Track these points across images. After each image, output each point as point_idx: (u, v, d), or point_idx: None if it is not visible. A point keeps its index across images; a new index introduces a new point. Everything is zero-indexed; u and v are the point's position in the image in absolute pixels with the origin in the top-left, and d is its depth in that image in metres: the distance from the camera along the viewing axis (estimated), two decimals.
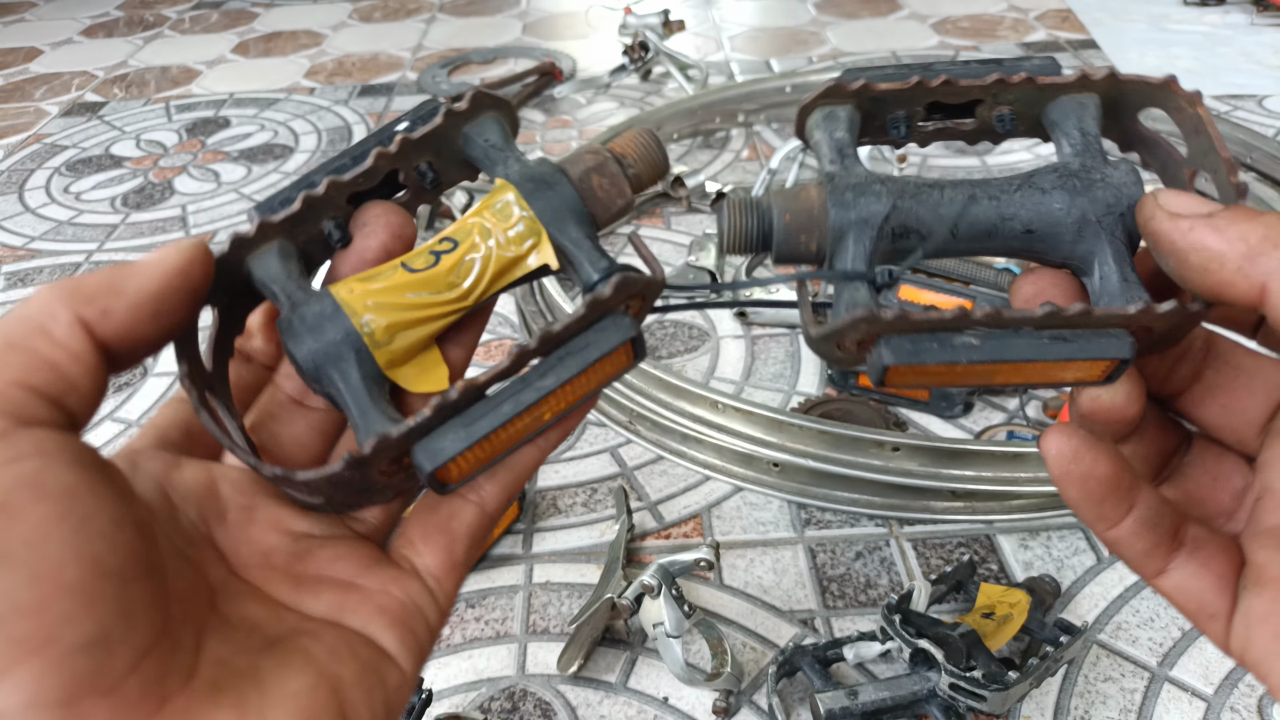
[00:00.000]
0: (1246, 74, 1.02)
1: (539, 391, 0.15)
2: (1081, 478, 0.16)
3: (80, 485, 0.12)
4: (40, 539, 0.11)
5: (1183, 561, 0.16)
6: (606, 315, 0.15)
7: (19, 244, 0.86)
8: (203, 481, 0.16)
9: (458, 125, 0.17)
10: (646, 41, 1.08)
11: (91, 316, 0.13)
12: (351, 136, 1.03)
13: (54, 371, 0.13)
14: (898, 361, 0.15)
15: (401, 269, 0.16)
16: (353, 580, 0.16)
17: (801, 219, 0.16)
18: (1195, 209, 0.15)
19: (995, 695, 0.39)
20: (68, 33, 1.43)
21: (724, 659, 0.43)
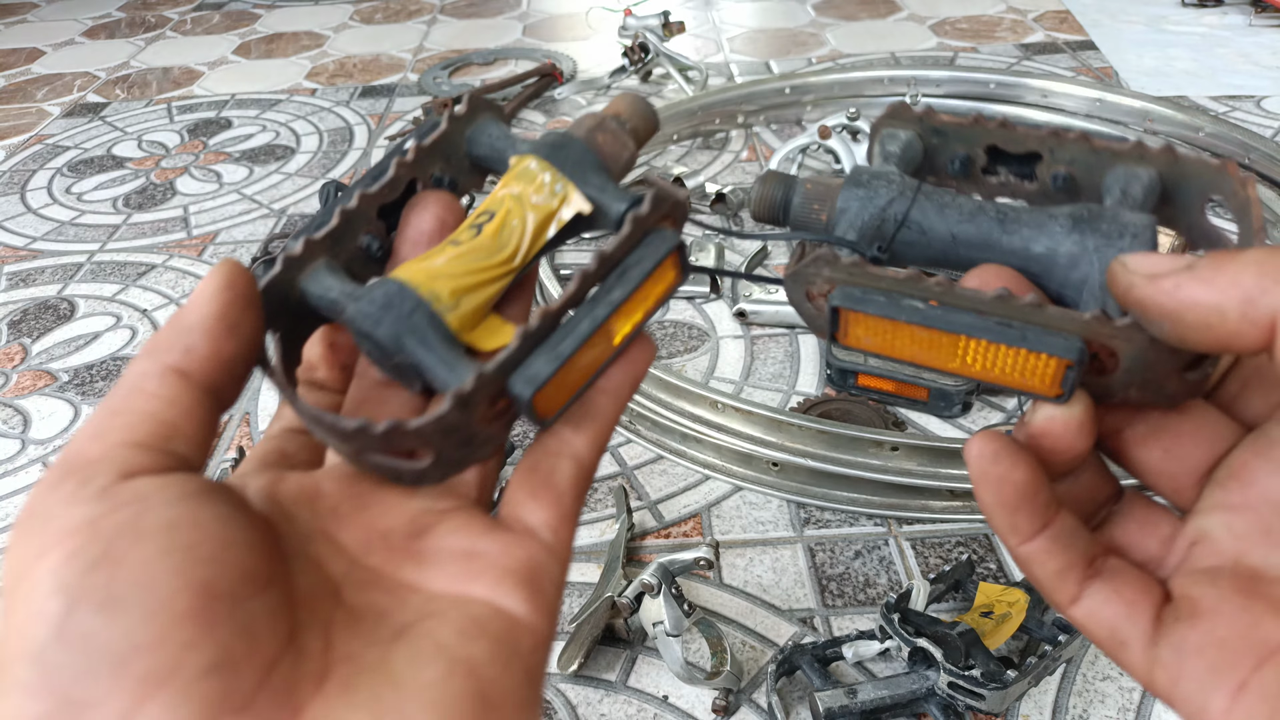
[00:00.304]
0: (1244, 75, 1.03)
1: (609, 305, 0.16)
2: (998, 480, 0.15)
3: (181, 518, 0.13)
4: (146, 577, 0.12)
5: (1097, 587, 0.15)
6: (650, 232, 0.16)
7: (21, 244, 0.87)
8: (308, 486, 0.16)
9: (461, 130, 0.18)
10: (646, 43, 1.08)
11: (178, 360, 0.14)
12: (353, 137, 1.03)
13: (154, 422, 0.13)
14: (842, 305, 0.16)
15: (448, 245, 0.17)
16: (472, 548, 0.15)
17: (819, 191, 0.18)
18: (1171, 265, 0.14)
19: (994, 694, 0.39)
20: (69, 34, 1.43)
21: (723, 658, 0.43)
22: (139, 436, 0.13)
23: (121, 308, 0.76)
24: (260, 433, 0.62)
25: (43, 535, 0.12)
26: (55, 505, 0.13)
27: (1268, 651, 0.13)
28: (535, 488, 0.16)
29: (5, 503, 0.58)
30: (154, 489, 0.13)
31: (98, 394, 0.66)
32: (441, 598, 0.15)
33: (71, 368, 0.69)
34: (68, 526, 0.12)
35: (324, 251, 0.17)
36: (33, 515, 0.13)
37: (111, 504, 0.12)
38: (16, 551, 0.12)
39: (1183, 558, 0.16)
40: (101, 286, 0.79)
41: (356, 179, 0.18)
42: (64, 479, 0.13)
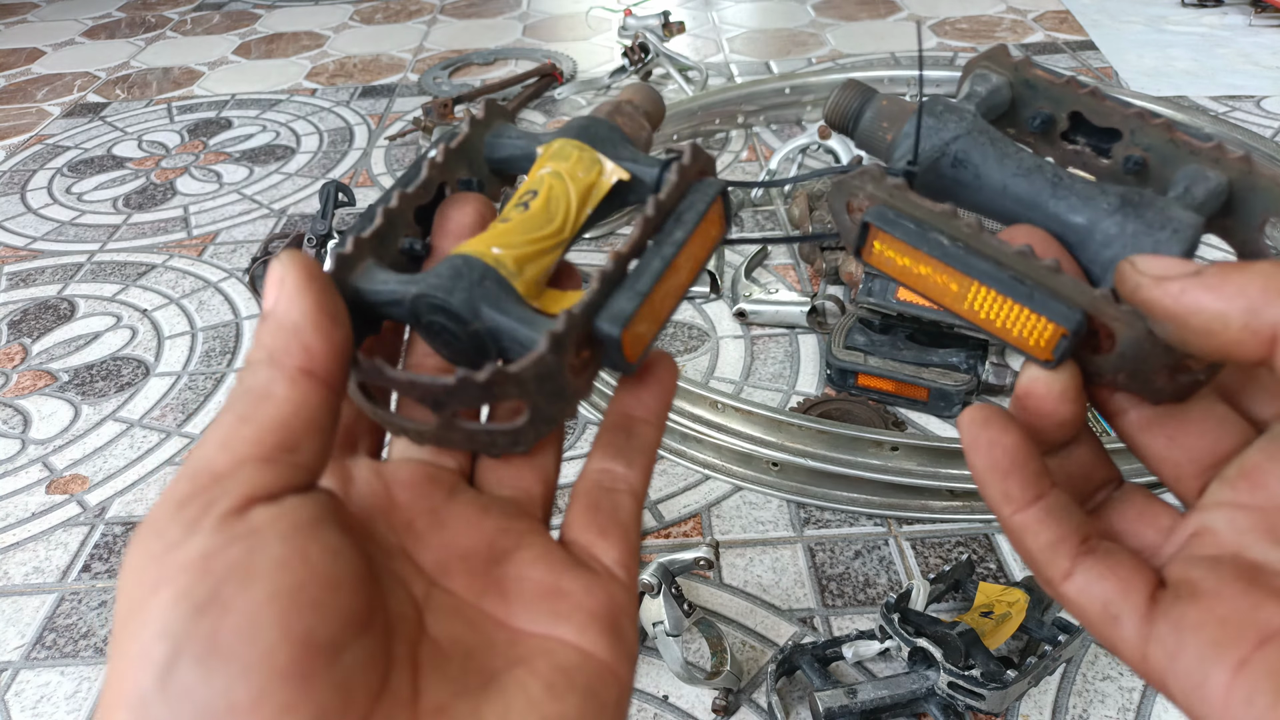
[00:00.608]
0: (1244, 75, 1.03)
1: (675, 245, 0.16)
2: (988, 443, 0.15)
3: (291, 555, 0.12)
4: (250, 627, 0.12)
5: (1090, 565, 0.15)
6: (695, 181, 0.17)
7: (21, 244, 0.87)
8: (379, 492, 0.16)
9: (481, 134, 0.19)
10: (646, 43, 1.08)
11: (302, 362, 0.14)
12: (353, 138, 1.03)
13: (283, 431, 0.13)
14: (873, 222, 0.16)
15: (498, 223, 0.17)
16: (557, 584, 0.15)
17: (892, 109, 0.18)
18: (1180, 269, 0.14)
19: (993, 694, 0.39)
20: (69, 34, 1.43)
21: (723, 657, 0.43)
22: (265, 449, 0.13)
23: (122, 308, 0.76)
24: None
25: (160, 564, 0.12)
26: (176, 528, 0.12)
27: (1270, 632, 0.13)
28: (603, 526, 0.16)
29: (5, 503, 0.58)
30: (269, 520, 0.13)
31: (98, 394, 0.66)
32: (529, 639, 0.15)
33: (71, 368, 0.69)
34: (183, 560, 0.12)
35: (371, 251, 0.17)
36: (155, 533, 0.12)
37: (227, 536, 0.12)
38: (134, 572, 0.12)
39: (1181, 547, 0.16)
40: (101, 286, 0.79)
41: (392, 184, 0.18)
42: (190, 498, 0.13)
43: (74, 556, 0.54)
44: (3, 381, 0.68)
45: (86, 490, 0.58)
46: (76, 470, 0.60)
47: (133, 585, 0.12)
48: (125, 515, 0.56)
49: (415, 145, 1.00)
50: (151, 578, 0.12)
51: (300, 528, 0.13)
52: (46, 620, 0.50)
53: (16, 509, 0.57)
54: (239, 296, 0.76)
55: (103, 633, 0.49)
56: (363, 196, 0.89)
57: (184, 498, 0.13)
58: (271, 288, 0.14)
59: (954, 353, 0.60)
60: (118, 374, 0.68)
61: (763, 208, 0.83)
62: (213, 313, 0.74)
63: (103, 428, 0.63)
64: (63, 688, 0.46)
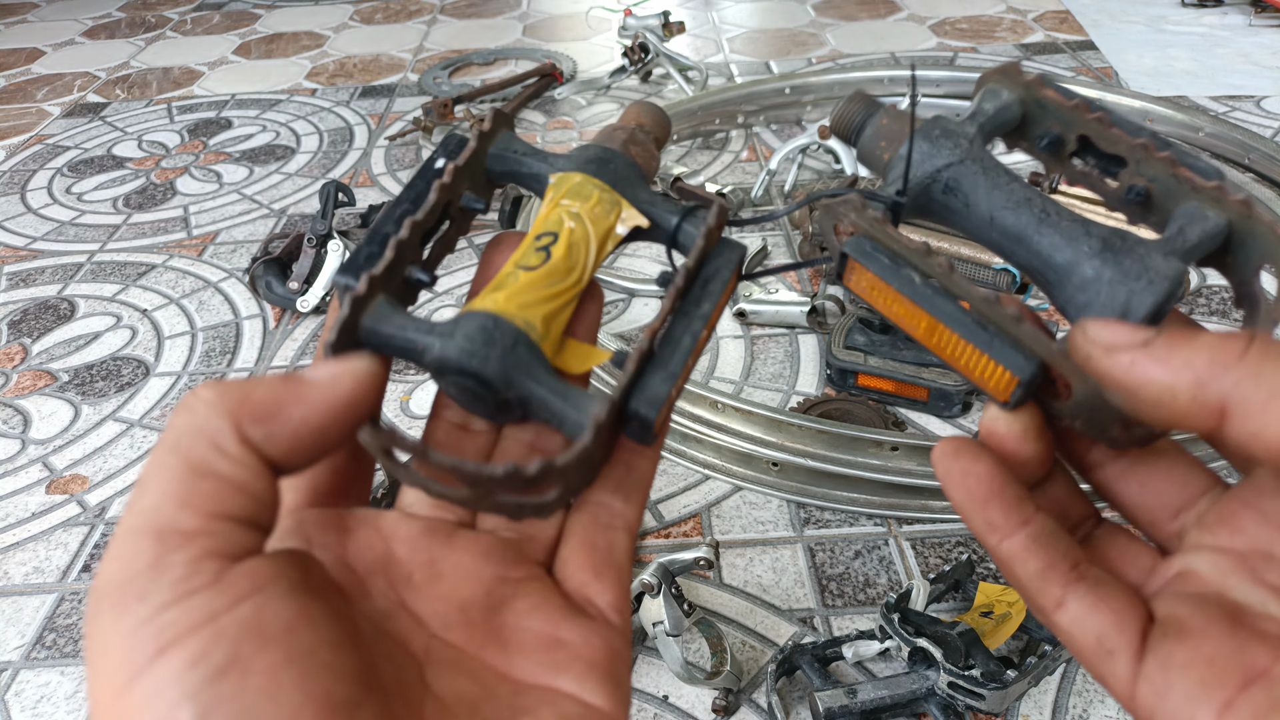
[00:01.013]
0: (1244, 75, 1.03)
1: (703, 319, 0.17)
2: (961, 474, 0.15)
3: (298, 617, 0.12)
4: (274, 689, 0.12)
5: (1082, 594, 0.15)
6: (718, 242, 0.18)
7: (21, 244, 0.87)
8: (379, 547, 0.16)
9: (486, 147, 0.19)
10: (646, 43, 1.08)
11: (256, 437, 0.13)
12: (353, 138, 1.03)
13: (244, 494, 0.13)
14: (850, 253, 0.17)
15: (521, 271, 0.17)
16: (555, 634, 0.15)
17: (891, 129, 0.18)
18: (1129, 338, 0.14)
19: (994, 694, 0.39)
20: (69, 34, 1.43)
21: (723, 658, 0.43)
22: (231, 509, 0.13)
23: (122, 308, 0.76)
24: None
25: (155, 625, 0.12)
26: (164, 589, 0.12)
27: (1255, 674, 0.14)
28: (599, 566, 0.16)
29: (5, 503, 0.58)
30: (268, 577, 0.12)
31: (98, 394, 0.66)
32: (531, 691, 0.15)
33: (71, 368, 0.69)
34: (188, 621, 0.12)
35: (382, 286, 0.16)
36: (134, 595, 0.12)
37: (230, 596, 0.12)
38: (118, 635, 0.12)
39: (1165, 585, 0.16)
40: (102, 286, 0.79)
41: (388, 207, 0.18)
42: (165, 554, 0.12)
43: (74, 557, 0.54)
44: (3, 381, 0.68)
45: (86, 490, 0.58)
46: (76, 470, 0.60)
47: (121, 650, 0.12)
48: None
49: (415, 145, 1.00)
50: (150, 641, 0.12)
51: (296, 589, 0.13)
52: (46, 620, 0.50)
53: (16, 509, 0.57)
54: (239, 296, 0.76)
55: None
56: (363, 196, 0.89)
57: (155, 557, 0.12)
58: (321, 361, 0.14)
59: None
60: (118, 374, 0.68)
61: (763, 208, 0.83)
62: (213, 313, 0.74)
63: (103, 428, 0.63)
64: (63, 688, 0.46)
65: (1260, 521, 0.15)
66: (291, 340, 0.70)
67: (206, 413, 0.13)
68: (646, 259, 0.77)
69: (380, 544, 0.16)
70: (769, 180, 0.83)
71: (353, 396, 0.14)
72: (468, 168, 0.18)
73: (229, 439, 0.13)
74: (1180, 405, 0.13)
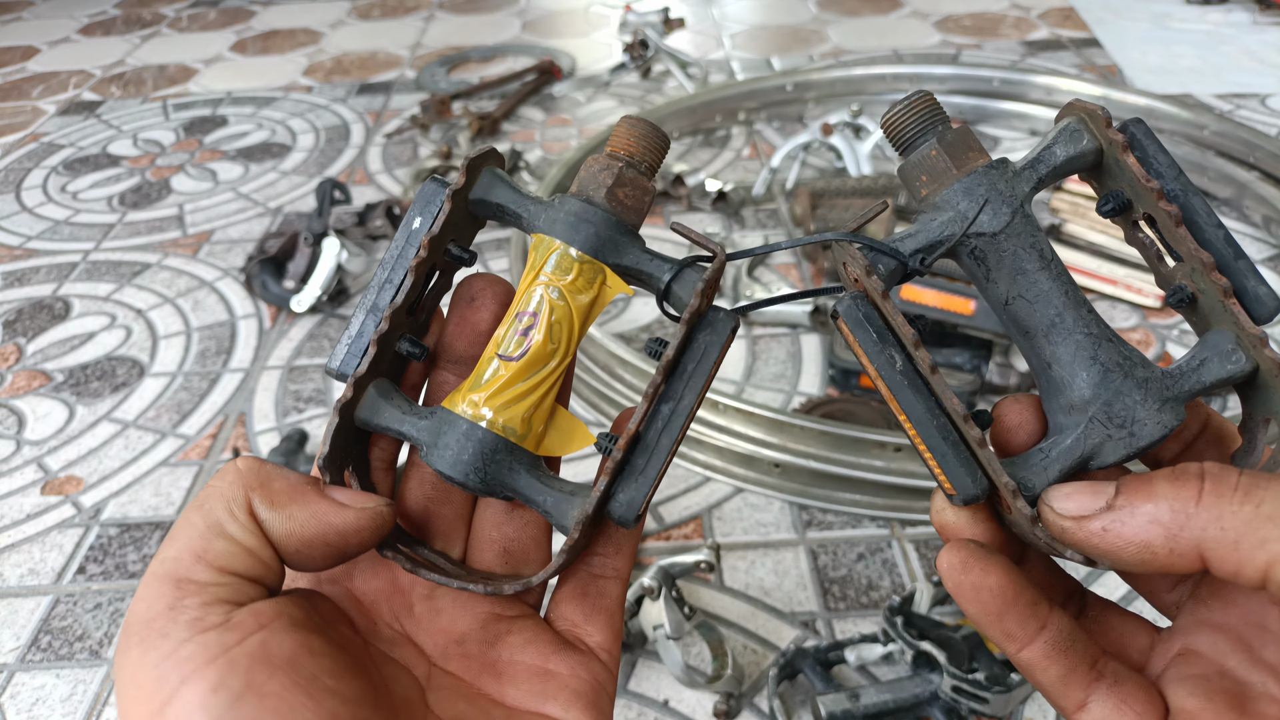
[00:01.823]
0: (1249, 73, 1.02)
1: (683, 414, 0.17)
2: (973, 588, 0.16)
3: (299, 650, 0.14)
4: (287, 709, 0.13)
5: (1104, 695, 0.16)
6: (704, 317, 0.17)
7: (16, 243, 0.86)
8: (382, 576, 0.17)
9: (463, 200, 0.18)
10: (646, 39, 1.08)
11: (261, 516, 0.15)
12: (349, 135, 1.03)
13: (251, 558, 0.15)
14: (842, 316, 0.16)
15: (502, 361, 0.17)
16: (546, 666, 0.17)
17: (940, 164, 0.17)
18: (1092, 505, 0.15)
19: (997, 697, 0.38)
20: (65, 31, 1.43)
21: (725, 661, 0.43)
22: (238, 568, 0.15)
23: (117, 307, 0.76)
24: (256, 433, 0.61)
25: (177, 658, 0.13)
26: (182, 627, 0.14)
27: None
28: (590, 610, 0.18)
29: (0, 504, 0.58)
30: (270, 616, 0.14)
31: (93, 394, 0.66)
32: (521, 715, 0.16)
33: (66, 367, 0.69)
34: (206, 654, 0.13)
35: (370, 379, 0.17)
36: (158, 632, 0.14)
37: (239, 633, 0.14)
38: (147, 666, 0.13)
39: (1169, 665, 0.16)
40: (96, 286, 0.79)
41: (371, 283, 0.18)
42: (182, 599, 0.14)
43: (69, 558, 0.53)
44: None
45: (81, 491, 0.58)
46: (71, 471, 0.59)
47: (152, 680, 0.13)
48: (120, 517, 0.56)
49: (412, 142, 0.99)
50: (174, 671, 0.13)
51: (300, 624, 0.14)
52: (42, 622, 0.49)
53: (11, 510, 0.57)
54: (234, 295, 0.76)
55: (98, 635, 0.48)
56: (359, 194, 0.89)
57: (174, 600, 0.14)
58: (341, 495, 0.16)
59: (958, 352, 0.59)
60: (113, 374, 0.68)
61: (765, 206, 0.82)
62: (208, 312, 0.74)
63: (98, 428, 0.63)
64: (58, 690, 0.46)
65: (1250, 594, 0.16)
66: (287, 340, 0.70)
67: (232, 481, 0.15)
68: None
69: (384, 576, 0.17)
70: (771, 178, 0.82)
71: (348, 529, 0.16)
72: (445, 229, 0.18)
73: (240, 507, 0.15)
74: (1161, 560, 0.14)
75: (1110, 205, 0.17)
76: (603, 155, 0.18)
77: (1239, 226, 0.76)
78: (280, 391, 0.65)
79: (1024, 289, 0.16)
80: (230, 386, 0.65)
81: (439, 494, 0.18)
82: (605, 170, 0.17)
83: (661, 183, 0.81)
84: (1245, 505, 0.13)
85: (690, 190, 0.81)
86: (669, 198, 0.83)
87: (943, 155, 0.17)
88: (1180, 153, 0.82)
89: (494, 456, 0.17)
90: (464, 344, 0.18)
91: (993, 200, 0.16)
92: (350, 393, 0.17)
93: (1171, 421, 0.16)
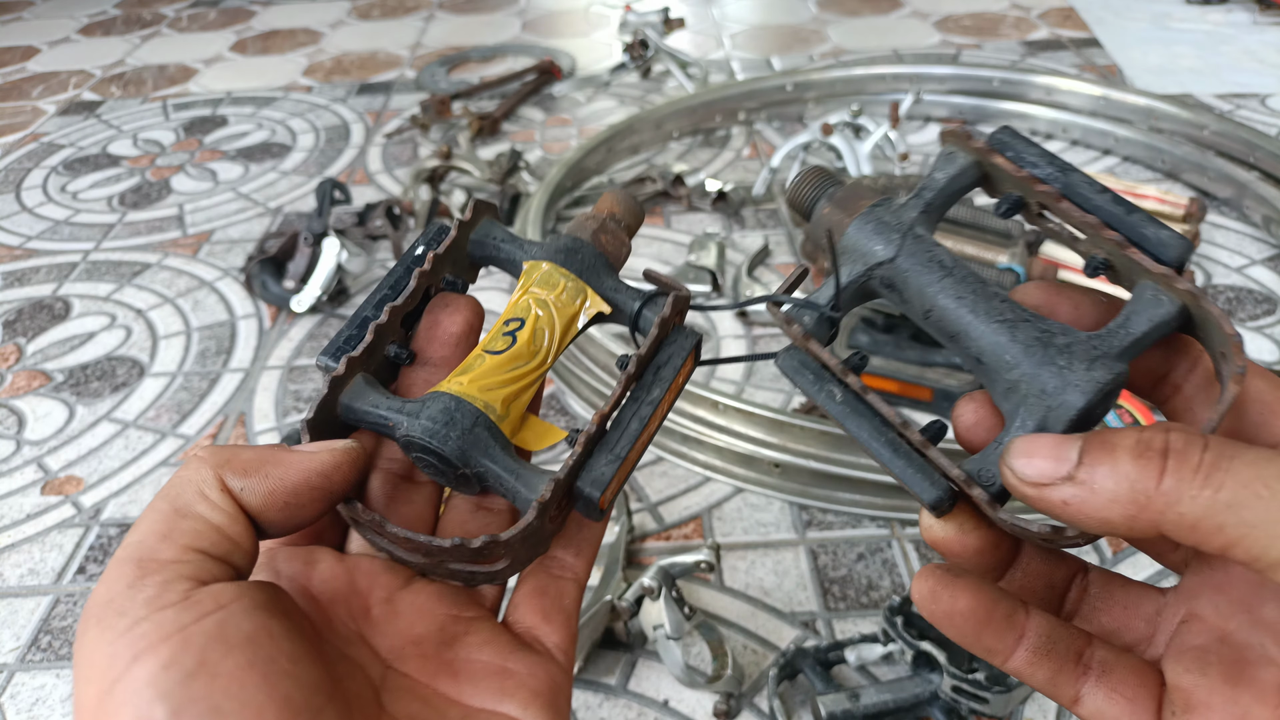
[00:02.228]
0: (1249, 73, 1.02)
1: (652, 405, 0.18)
2: (945, 615, 0.16)
3: (258, 631, 0.14)
4: (238, 689, 0.13)
5: (1093, 687, 0.16)
6: (671, 330, 0.19)
7: (16, 244, 0.86)
8: (341, 578, 0.17)
9: (467, 234, 0.20)
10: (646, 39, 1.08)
11: (235, 487, 0.15)
12: (350, 135, 1.03)
13: (219, 535, 0.15)
14: (781, 368, 0.18)
15: (487, 355, 0.18)
16: (504, 665, 0.17)
17: (834, 216, 0.19)
18: (1053, 471, 0.14)
19: (998, 697, 0.38)
20: (65, 31, 1.43)
21: (724, 661, 0.43)
22: (204, 546, 0.14)
23: (117, 307, 0.76)
24: (256, 433, 0.61)
25: (132, 636, 0.13)
26: (139, 605, 0.13)
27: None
28: (548, 611, 0.18)
29: (1, 504, 0.58)
30: (231, 597, 0.14)
31: (93, 394, 0.66)
32: (479, 715, 0.16)
33: (66, 368, 0.69)
34: (160, 632, 0.13)
35: (360, 367, 0.18)
36: (115, 611, 0.13)
37: (196, 611, 0.13)
38: (101, 645, 0.13)
39: (1172, 635, 0.16)
40: (96, 286, 0.79)
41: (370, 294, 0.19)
42: (142, 577, 0.14)
43: (69, 558, 0.53)
44: None
45: (81, 491, 0.58)
46: (71, 471, 0.59)
47: (104, 658, 0.13)
48: (121, 517, 0.56)
49: (412, 142, 0.99)
50: (127, 649, 0.13)
51: (258, 607, 0.14)
52: (42, 622, 0.49)
53: (11, 510, 0.57)
54: (234, 296, 0.76)
55: None
56: (359, 194, 0.89)
57: (134, 579, 0.14)
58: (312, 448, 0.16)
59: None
60: (113, 374, 0.68)
61: (765, 206, 0.82)
62: (208, 312, 0.74)
63: (98, 428, 0.63)
64: (58, 690, 0.46)
65: None
66: (287, 340, 0.70)
67: (198, 465, 0.15)
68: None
69: (343, 577, 0.17)
70: (771, 178, 0.83)
71: (327, 468, 0.16)
72: (448, 254, 0.19)
73: (211, 486, 0.15)
74: (1121, 532, 0.14)
75: (1005, 206, 0.18)
76: (592, 212, 0.20)
77: (1239, 226, 0.76)
78: (280, 391, 0.65)
79: (933, 299, 0.17)
80: (230, 386, 0.65)
81: (402, 492, 0.19)
82: (591, 219, 0.20)
83: (661, 183, 0.81)
84: (1205, 490, 0.13)
85: (690, 190, 0.81)
86: (669, 198, 0.83)
87: (835, 210, 0.18)
88: (1180, 153, 0.82)
89: (472, 428, 0.17)
90: (436, 348, 0.19)
91: (881, 232, 0.18)
92: (343, 368, 0.17)
93: (1103, 376, 0.16)
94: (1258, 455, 0.13)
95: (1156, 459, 0.13)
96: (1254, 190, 0.75)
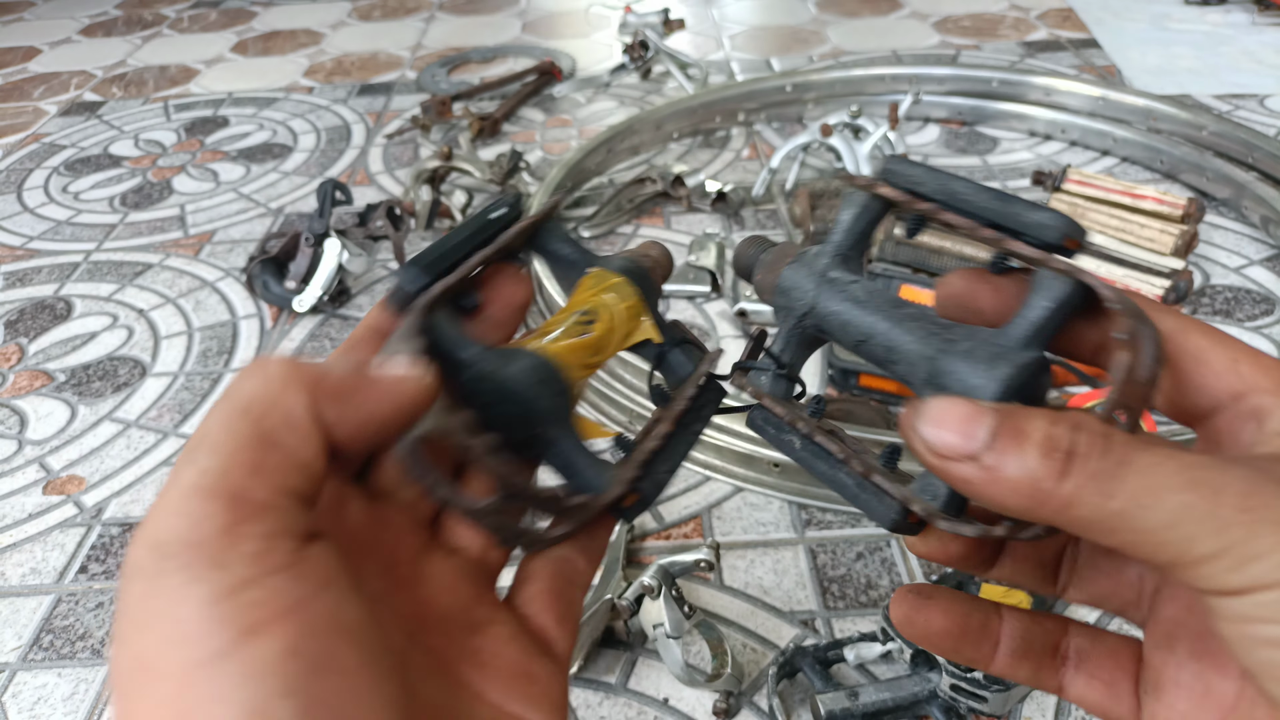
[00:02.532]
0: (1248, 73, 1.02)
1: (693, 435, 0.20)
2: (923, 636, 0.17)
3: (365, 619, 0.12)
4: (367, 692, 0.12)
5: (1072, 676, 0.17)
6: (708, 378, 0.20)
7: (17, 244, 0.86)
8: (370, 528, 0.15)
9: (546, 219, 0.21)
10: (646, 40, 1.08)
11: (329, 417, 0.13)
12: (351, 136, 1.03)
13: (306, 472, 0.12)
14: (749, 426, 0.20)
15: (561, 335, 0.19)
16: (530, 669, 0.16)
17: (766, 280, 0.20)
18: (959, 447, 0.14)
19: (996, 696, 0.38)
20: (66, 32, 1.43)
21: (724, 660, 0.43)
22: (295, 485, 0.12)
23: (118, 307, 0.76)
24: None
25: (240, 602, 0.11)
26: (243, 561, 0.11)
27: (1223, 712, 0.15)
28: (562, 615, 0.17)
29: (2, 503, 0.58)
30: (334, 571, 0.12)
31: (95, 394, 0.66)
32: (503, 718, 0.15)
33: (68, 367, 0.69)
34: (278, 603, 0.11)
35: (448, 300, 0.17)
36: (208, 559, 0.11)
37: (311, 583, 0.11)
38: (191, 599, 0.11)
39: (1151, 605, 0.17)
40: (98, 286, 0.79)
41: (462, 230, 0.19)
42: (238, 523, 0.11)
43: (71, 558, 0.53)
44: (0, 381, 0.68)
45: (83, 491, 0.58)
46: (73, 471, 0.60)
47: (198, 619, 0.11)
48: (122, 516, 0.56)
49: (413, 143, 0.99)
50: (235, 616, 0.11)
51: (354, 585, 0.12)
52: (44, 621, 0.49)
53: (13, 510, 0.57)
54: (236, 296, 0.76)
55: (100, 634, 0.48)
56: (360, 195, 0.89)
57: (228, 523, 0.11)
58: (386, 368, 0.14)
59: None
60: (114, 374, 0.68)
61: (764, 206, 0.82)
62: (209, 312, 0.74)
63: (99, 428, 0.63)
64: (60, 689, 0.46)
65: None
66: (289, 340, 0.70)
67: (283, 384, 0.13)
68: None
69: (372, 527, 0.15)
70: (770, 178, 0.83)
71: (413, 400, 0.14)
72: (527, 229, 0.20)
73: (303, 415, 0.13)
74: (1018, 516, 0.14)
75: (909, 227, 0.19)
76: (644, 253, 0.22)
77: (1237, 227, 0.76)
78: None
79: (856, 333, 0.18)
80: None
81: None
82: (647, 258, 0.21)
83: (661, 183, 0.82)
84: (1096, 497, 0.13)
85: (690, 191, 0.81)
86: (669, 198, 0.83)
87: (766, 273, 0.20)
88: (1179, 153, 0.82)
89: (557, 396, 0.17)
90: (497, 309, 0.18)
91: (798, 284, 0.19)
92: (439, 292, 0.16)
93: (1004, 371, 0.16)
94: (1151, 461, 0.13)
95: (1060, 460, 0.13)
96: (1252, 191, 0.75)
